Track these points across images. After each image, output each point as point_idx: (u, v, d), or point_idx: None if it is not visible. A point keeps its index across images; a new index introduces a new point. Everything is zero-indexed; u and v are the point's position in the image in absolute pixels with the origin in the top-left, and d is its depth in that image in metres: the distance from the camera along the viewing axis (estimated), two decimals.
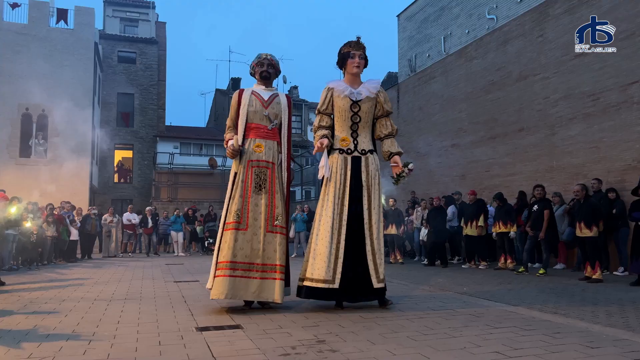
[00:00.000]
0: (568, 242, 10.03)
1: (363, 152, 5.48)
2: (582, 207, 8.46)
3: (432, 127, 15.62)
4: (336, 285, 5.05)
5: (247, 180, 5.26)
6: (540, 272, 9.04)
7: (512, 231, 10.15)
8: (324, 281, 5.05)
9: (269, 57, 5.65)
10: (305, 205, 16.72)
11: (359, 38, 5.61)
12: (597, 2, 10.28)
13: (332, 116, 5.61)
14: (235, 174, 5.32)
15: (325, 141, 5.34)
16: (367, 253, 5.19)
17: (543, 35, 11.71)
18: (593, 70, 10.32)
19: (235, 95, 5.60)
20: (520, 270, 9.35)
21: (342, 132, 5.53)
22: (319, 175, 5.42)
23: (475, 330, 4.13)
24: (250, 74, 5.78)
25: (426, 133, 16.02)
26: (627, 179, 9.28)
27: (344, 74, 5.71)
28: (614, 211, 9.00)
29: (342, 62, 5.63)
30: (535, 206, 9.44)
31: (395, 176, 5.55)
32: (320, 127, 5.58)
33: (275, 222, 5.23)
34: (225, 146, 5.48)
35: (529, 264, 9.68)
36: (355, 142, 5.49)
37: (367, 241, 5.22)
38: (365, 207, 5.30)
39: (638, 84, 9.40)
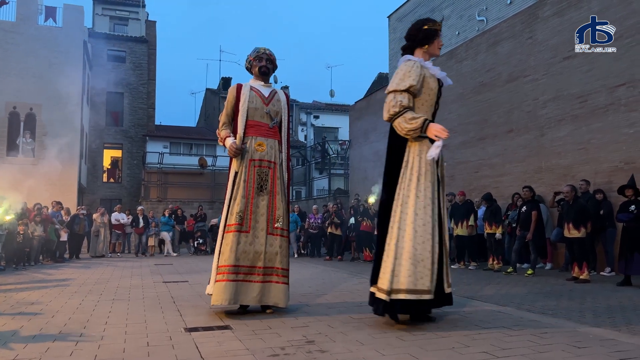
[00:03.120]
0: (555, 242, 10.13)
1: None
2: (570, 208, 8.53)
3: None
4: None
5: (249, 180, 5.03)
6: (529, 272, 9.11)
7: (498, 232, 10.21)
8: (429, 292, 4.18)
9: (267, 51, 5.38)
10: (296, 206, 16.71)
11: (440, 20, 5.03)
12: (586, 4, 10.37)
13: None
14: (236, 173, 5.05)
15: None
16: (443, 255, 4.47)
17: (532, 37, 11.79)
18: (581, 73, 10.41)
19: (232, 90, 5.29)
20: (508, 270, 9.41)
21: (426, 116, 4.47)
22: (430, 155, 4.29)
23: (463, 330, 4.15)
24: (246, 67, 5.48)
25: None
26: (614, 181, 9.37)
27: (412, 52, 4.69)
28: (602, 212, 9.09)
29: (425, 39, 4.60)
30: (524, 207, 9.52)
31: None
32: (409, 108, 4.40)
33: (276, 224, 5.05)
34: (221, 143, 5.25)
35: (518, 265, 9.76)
36: None
37: (444, 241, 4.51)
38: (441, 204, 4.51)
39: (625, 86, 9.50)
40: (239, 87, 5.26)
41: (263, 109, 5.22)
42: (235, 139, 5.11)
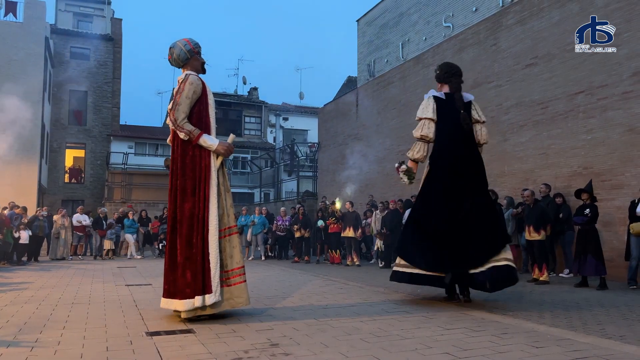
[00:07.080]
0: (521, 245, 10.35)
1: None
2: (531, 211, 8.77)
3: (390, 132, 15.83)
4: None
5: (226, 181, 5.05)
6: None
7: None
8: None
9: None
10: (264, 208, 16.61)
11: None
12: (547, 14, 10.69)
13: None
14: (218, 174, 4.86)
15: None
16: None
17: (496, 44, 12.08)
18: (542, 80, 10.71)
19: (200, 82, 4.90)
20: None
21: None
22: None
23: (427, 331, 4.20)
24: (185, 58, 4.99)
25: (384, 137, 16.22)
26: (573, 185, 9.67)
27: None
28: (561, 215, 9.36)
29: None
30: None
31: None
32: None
33: (234, 223, 5.13)
34: (187, 137, 4.71)
35: None
36: None
37: None
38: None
39: (583, 93, 9.82)
40: (203, 81, 5.02)
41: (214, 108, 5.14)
42: (210, 135, 4.87)
